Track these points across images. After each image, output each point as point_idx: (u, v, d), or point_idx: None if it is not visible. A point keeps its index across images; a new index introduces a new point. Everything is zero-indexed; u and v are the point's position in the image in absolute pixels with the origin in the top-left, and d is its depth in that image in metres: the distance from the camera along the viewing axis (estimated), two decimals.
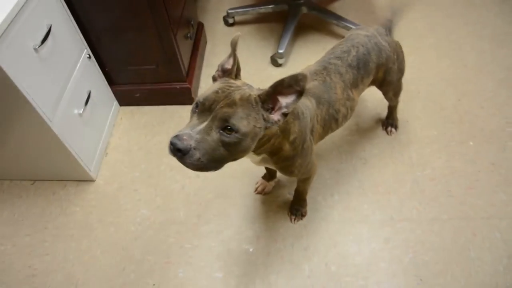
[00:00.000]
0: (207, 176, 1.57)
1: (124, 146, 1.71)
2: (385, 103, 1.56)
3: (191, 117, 0.84)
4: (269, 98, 0.83)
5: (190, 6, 1.84)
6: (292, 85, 0.79)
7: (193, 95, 1.78)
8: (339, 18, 1.99)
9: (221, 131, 0.78)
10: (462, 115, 1.67)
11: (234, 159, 0.84)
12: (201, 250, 1.39)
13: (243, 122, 0.79)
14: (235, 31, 2.15)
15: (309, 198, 1.44)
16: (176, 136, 0.76)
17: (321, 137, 1.20)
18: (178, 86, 1.74)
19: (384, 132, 1.64)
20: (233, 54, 0.89)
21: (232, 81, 0.87)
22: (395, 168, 1.53)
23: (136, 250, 1.41)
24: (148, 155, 1.67)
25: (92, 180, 1.60)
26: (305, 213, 1.43)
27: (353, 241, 1.36)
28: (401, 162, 1.55)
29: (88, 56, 1.55)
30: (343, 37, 1.18)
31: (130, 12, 1.46)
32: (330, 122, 1.18)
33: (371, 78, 1.27)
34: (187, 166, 0.78)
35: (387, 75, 1.31)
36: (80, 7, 1.45)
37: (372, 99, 1.73)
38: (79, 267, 1.39)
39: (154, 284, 1.33)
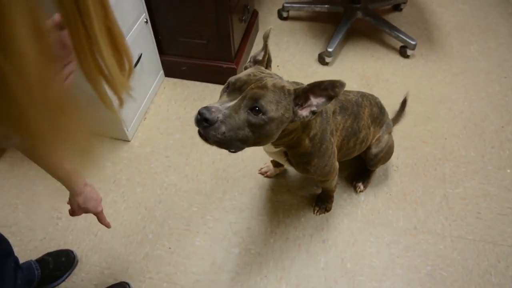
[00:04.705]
0: (239, 155, 1.59)
1: (162, 114, 1.75)
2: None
3: (221, 96, 0.86)
4: (303, 95, 0.86)
5: None
6: (328, 89, 0.82)
7: None
8: (393, 27, 1.99)
9: (248, 111, 0.80)
10: (503, 141, 1.63)
11: (256, 143, 0.86)
12: (221, 224, 1.41)
13: (271, 106, 0.81)
14: (288, 25, 2.18)
15: (335, 194, 1.44)
16: (206, 107, 0.77)
17: (337, 150, 1.18)
18: (224, 65, 1.77)
19: (420, 144, 1.62)
20: (265, 46, 0.92)
21: (263, 68, 0.90)
22: (426, 181, 1.51)
23: (158, 213, 1.44)
24: (184, 126, 1.70)
25: (128, 140, 1.65)
26: (330, 208, 1.43)
27: (373, 243, 1.35)
28: (434, 176, 1.52)
29: (145, 20, 1.60)
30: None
31: None
32: (350, 137, 1.19)
33: (378, 131, 1.33)
34: (209, 138, 0.78)
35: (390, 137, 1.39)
36: None
37: (410, 111, 1.72)
38: None
39: (170, 248, 1.35)
